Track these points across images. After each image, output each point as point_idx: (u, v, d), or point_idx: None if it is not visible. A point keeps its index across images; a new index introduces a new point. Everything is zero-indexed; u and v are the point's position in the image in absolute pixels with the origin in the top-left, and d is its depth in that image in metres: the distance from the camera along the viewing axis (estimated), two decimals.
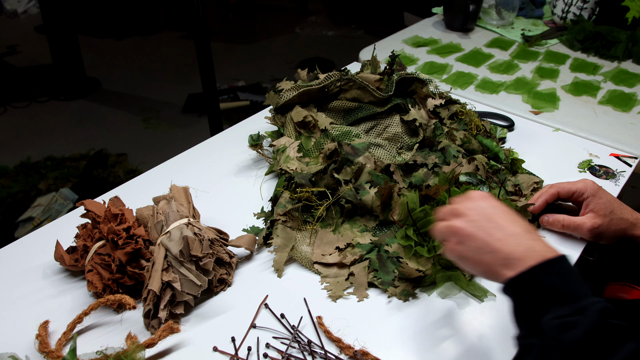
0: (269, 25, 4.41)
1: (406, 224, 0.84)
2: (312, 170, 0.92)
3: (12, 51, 3.81)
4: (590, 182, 0.87)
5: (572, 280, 0.57)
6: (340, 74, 1.07)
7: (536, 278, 0.57)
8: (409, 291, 0.78)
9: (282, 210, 0.88)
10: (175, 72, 3.55)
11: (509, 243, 0.60)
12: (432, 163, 0.97)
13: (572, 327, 0.52)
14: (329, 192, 0.90)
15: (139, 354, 0.65)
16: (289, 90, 1.05)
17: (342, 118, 1.08)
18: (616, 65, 1.56)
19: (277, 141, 1.03)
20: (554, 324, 0.53)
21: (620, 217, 0.84)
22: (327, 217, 0.89)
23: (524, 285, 0.57)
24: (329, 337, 0.71)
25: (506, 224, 0.62)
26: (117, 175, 2.48)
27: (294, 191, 0.89)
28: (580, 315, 0.53)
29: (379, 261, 0.81)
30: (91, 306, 0.72)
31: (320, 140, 1.01)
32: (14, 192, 2.36)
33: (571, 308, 0.54)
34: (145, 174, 1.05)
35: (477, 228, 0.62)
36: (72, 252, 0.80)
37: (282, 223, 0.87)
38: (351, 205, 0.88)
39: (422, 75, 1.10)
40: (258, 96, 3.24)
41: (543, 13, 1.90)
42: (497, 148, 1.03)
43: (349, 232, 0.87)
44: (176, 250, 0.73)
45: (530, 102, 1.35)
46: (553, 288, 0.56)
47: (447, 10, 1.79)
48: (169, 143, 2.79)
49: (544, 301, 0.56)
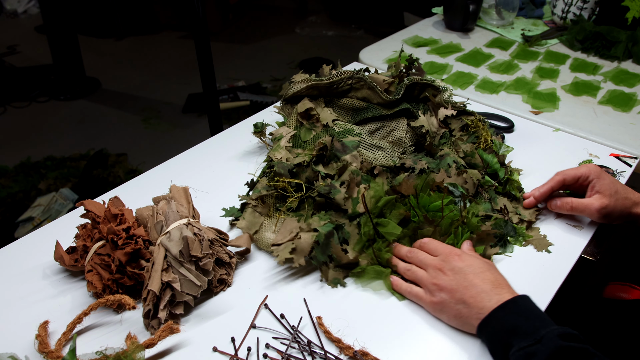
0: (269, 25, 4.41)
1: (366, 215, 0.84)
2: (295, 161, 0.93)
3: (12, 51, 3.81)
4: (593, 166, 0.89)
5: (530, 315, 0.64)
6: (352, 72, 1.08)
7: (500, 318, 0.65)
8: (339, 280, 0.79)
9: (256, 195, 0.90)
10: (175, 72, 3.55)
11: (481, 299, 0.68)
12: (420, 168, 0.95)
13: (533, 356, 0.58)
14: (305, 185, 0.91)
15: (138, 354, 0.65)
16: (299, 82, 1.07)
17: (349, 116, 1.09)
18: (616, 65, 1.56)
19: (276, 130, 1.05)
20: (517, 355, 0.60)
21: (624, 196, 0.86)
22: (301, 209, 0.90)
23: (490, 326, 0.65)
24: (328, 338, 0.71)
25: (478, 282, 0.70)
26: (117, 175, 2.48)
27: (272, 179, 0.91)
28: (539, 344, 0.59)
29: (325, 238, 0.81)
30: (91, 306, 0.72)
31: (320, 134, 1.02)
32: (14, 192, 2.36)
33: (531, 339, 0.60)
34: (145, 174, 1.05)
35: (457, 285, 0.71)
36: (72, 252, 0.80)
37: (252, 207, 0.89)
38: (324, 200, 0.89)
39: (438, 83, 1.08)
40: (258, 96, 3.24)
41: (543, 13, 1.90)
42: (497, 165, 0.98)
43: (315, 223, 0.87)
44: (176, 251, 0.73)
45: (530, 102, 1.34)
46: (513, 324, 0.63)
47: (447, 10, 1.79)
48: (169, 143, 2.79)
49: (508, 337, 0.63)
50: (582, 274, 0.90)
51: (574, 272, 0.84)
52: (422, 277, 0.75)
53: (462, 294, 0.69)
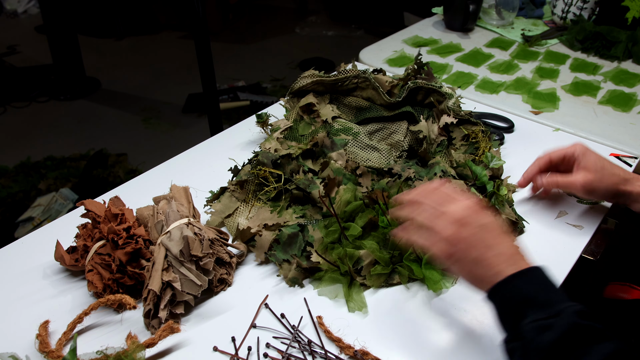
0: (269, 25, 4.41)
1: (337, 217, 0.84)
2: (282, 153, 0.94)
3: (12, 51, 3.81)
4: (580, 144, 0.89)
5: (548, 287, 0.61)
6: (359, 71, 1.09)
7: (515, 286, 0.61)
8: (298, 280, 0.79)
9: (236, 180, 0.92)
10: (175, 72, 3.55)
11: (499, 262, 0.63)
12: (407, 176, 0.94)
13: (548, 329, 0.55)
14: (286, 177, 0.92)
15: (139, 354, 0.65)
16: (305, 77, 1.09)
17: (353, 115, 1.10)
18: (616, 65, 1.56)
19: (275, 122, 1.06)
20: (531, 327, 0.57)
21: (611, 172, 0.85)
22: (281, 199, 0.91)
23: (504, 292, 0.62)
24: (329, 337, 0.71)
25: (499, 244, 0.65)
26: (117, 175, 2.48)
27: (255, 167, 0.93)
28: (556, 318, 0.56)
29: (289, 238, 0.81)
30: (91, 306, 0.72)
31: (318, 129, 1.03)
32: (14, 192, 2.36)
33: (548, 312, 0.57)
34: (145, 174, 1.05)
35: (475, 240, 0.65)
36: (72, 252, 0.80)
37: (230, 192, 0.92)
38: (302, 194, 0.89)
39: (445, 89, 1.06)
40: (258, 96, 3.24)
41: (543, 13, 1.90)
42: (485, 178, 0.95)
43: (287, 216, 0.87)
44: (176, 250, 0.73)
45: (530, 102, 1.34)
46: (530, 294, 0.60)
47: (447, 10, 1.79)
48: (169, 143, 2.79)
49: (522, 306, 0.59)
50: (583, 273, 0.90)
51: (574, 271, 0.84)
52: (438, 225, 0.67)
53: (482, 252, 0.64)
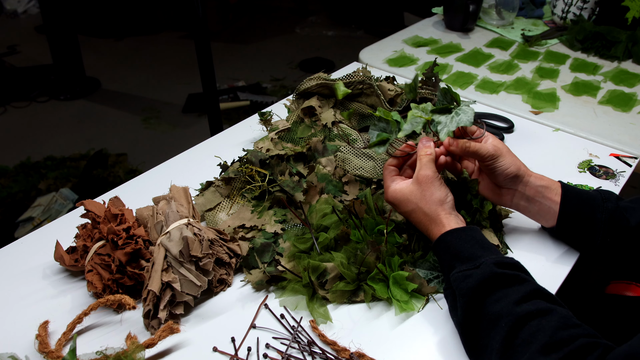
0: (269, 25, 4.41)
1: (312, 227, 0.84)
2: (273, 153, 0.95)
3: (12, 51, 3.81)
4: None
5: (476, 244, 0.72)
6: (364, 77, 1.08)
7: (448, 242, 0.73)
8: (263, 284, 0.79)
9: (223, 176, 0.93)
10: (175, 72, 3.55)
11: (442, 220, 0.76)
12: None
13: (469, 278, 0.67)
14: (272, 177, 0.92)
15: (138, 354, 0.65)
16: (312, 79, 1.10)
17: (356, 121, 1.09)
18: (616, 65, 1.56)
19: (275, 122, 1.07)
20: (456, 276, 0.69)
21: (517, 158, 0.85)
22: (262, 199, 0.91)
23: (441, 246, 0.74)
24: (323, 340, 0.70)
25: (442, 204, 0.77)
26: (117, 175, 2.48)
27: (242, 164, 0.94)
28: (476, 269, 0.68)
29: (262, 246, 0.81)
30: (91, 306, 0.72)
31: (317, 133, 1.02)
32: (14, 192, 2.36)
33: (470, 265, 0.69)
34: (145, 174, 1.05)
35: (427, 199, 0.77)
36: (72, 252, 0.80)
37: (215, 187, 0.93)
38: (285, 196, 0.89)
39: None
40: (258, 96, 3.24)
41: (543, 13, 1.90)
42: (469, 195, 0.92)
43: (267, 218, 0.87)
44: (176, 251, 0.73)
45: (530, 102, 1.34)
46: (459, 249, 0.71)
47: (447, 10, 1.79)
48: (169, 143, 2.79)
49: (452, 260, 0.71)
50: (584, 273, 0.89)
51: (574, 270, 0.84)
52: None
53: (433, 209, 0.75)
